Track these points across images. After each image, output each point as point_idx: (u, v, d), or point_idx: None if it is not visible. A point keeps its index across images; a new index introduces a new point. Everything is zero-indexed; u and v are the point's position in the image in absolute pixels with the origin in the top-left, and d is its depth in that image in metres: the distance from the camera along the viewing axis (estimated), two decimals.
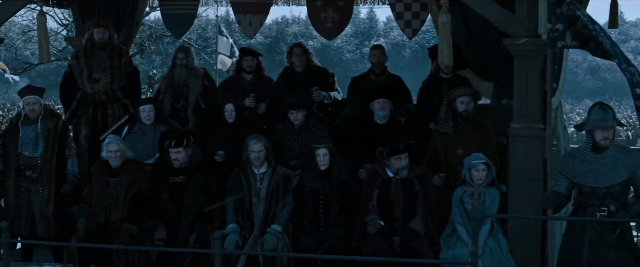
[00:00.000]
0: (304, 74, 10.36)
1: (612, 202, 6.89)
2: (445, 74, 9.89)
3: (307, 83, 10.24)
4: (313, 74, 10.40)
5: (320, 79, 10.43)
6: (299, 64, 10.34)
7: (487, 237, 8.09)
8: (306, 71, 10.38)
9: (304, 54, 10.42)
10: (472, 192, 6.42)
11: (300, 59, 10.37)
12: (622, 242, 6.93)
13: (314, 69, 10.52)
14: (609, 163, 6.91)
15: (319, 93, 10.13)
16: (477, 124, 8.99)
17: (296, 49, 10.46)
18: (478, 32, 10.23)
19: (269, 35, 70.16)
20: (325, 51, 65.87)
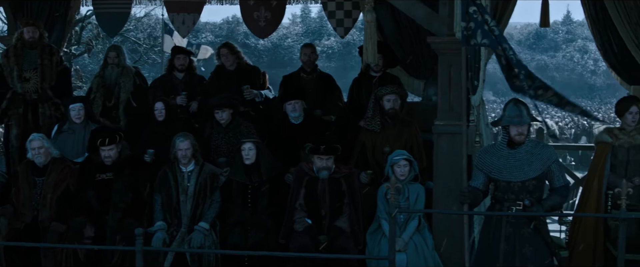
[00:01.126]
0: (235, 72, 10.41)
1: (527, 197, 7.04)
2: (374, 72, 9.99)
3: (238, 81, 10.29)
4: (244, 73, 10.45)
5: (252, 77, 10.48)
6: (228, 63, 10.38)
7: (414, 233, 8.20)
8: (237, 70, 10.42)
9: (232, 53, 10.46)
10: (388, 188, 6.50)
11: (228, 58, 10.42)
12: (536, 236, 7.09)
13: (245, 68, 10.57)
14: (525, 158, 7.07)
15: (250, 91, 10.19)
16: (403, 121, 9.14)
17: (223, 50, 10.51)
18: (408, 30, 10.35)
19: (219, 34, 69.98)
20: (275, 50, 65.95)
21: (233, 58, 10.44)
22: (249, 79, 10.38)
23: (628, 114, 8.68)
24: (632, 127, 8.73)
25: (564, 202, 7.46)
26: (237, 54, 10.53)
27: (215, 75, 10.49)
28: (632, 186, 8.52)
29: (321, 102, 10.16)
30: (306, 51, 10.45)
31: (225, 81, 10.29)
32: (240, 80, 10.27)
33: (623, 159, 8.71)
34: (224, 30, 71.64)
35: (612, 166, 8.74)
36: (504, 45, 7.07)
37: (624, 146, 8.69)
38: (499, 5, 10.00)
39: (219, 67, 10.51)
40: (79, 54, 29.52)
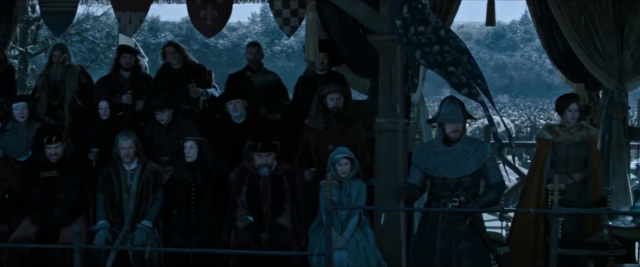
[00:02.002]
0: (181, 71, 10.41)
1: (463, 193, 7.12)
2: (320, 71, 10.04)
3: (184, 80, 10.30)
4: (190, 71, 10.45)
5: (198, 75, 10.49)
6: (174, 61, 10.38)
7: (355, 230, 8.27)
8: (183, 68, 10.42)
9: (178, 52, 10.46)
10: (324, 184, 6.55)
11: (174, 57, 10.41)
12: (472, 232, 7.16)
13: (191, 66, 10.58)
14: (460, 155, 7.14)
15: (195, 90, 10.20)
16: (347, 119, 9.21)
17: (168, 48, 10.52)
18: (353, 29, 10.41)
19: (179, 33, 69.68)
20: (235, 50, 65.77)
21: (179, 56, 10.44)
22: (194, 78, 10.38)
23: (568, 111, 8.82)
24: (572, 125, 8.86)
25: (499, 198, 7.54)
26: (182, 52, 10.55)
27: (161, 74, 10.48)
28: (571, 182, 8.73)
29: (266, 101, 10.18)
30: (251, 50, 10.49)
31: (171, 79, 10.29)
32: (186, 79, 10.27)
33: (563, 155, 8.84)
34: (183, 30, 71.26)
35: (553, 163, 8.87)
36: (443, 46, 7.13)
37: (563, 142, 8.82)
38: (444, 5, 10.09)
39: (165, 66, 10.50)
40: (35, 53, 29.29)
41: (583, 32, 10.13)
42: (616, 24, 10.13)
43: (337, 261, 8.10)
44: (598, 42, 10.10)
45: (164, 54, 10.49)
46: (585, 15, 10.10)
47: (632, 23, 10.02)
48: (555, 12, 10.20)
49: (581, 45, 10.18)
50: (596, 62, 10.15)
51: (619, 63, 10.14)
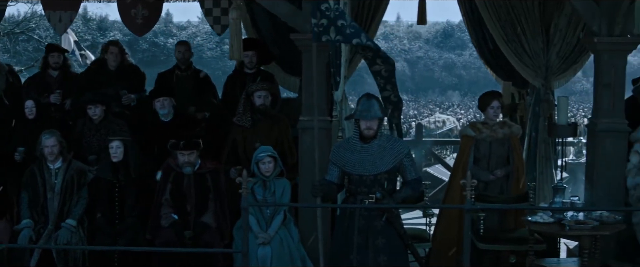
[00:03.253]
0: (116, 71, 10.36)
1: (379, 190, 7.20)
2: (249, 69, 10.09)
3: (117, 80, 10.26)
4: (124, 73, 10.40)
5: (131, 78, 10.45)
6: (112, 62, 10.31)
7: (279, 227, 8.33)
8: (118, 69, 10.38)
9: (120, 54, 10.41)
10: (240, 182, 6.59)
11: (116, 57, 10.35)
12: (389, 228, 7.25)
13: (127, 68, 10.53)
14: (377, 152, 7.22)
15: (128, 97, 10.15)
16: (274, 117, 9.26)
17: (113, 48, 10.42)
18: (283, 28, 10.45)
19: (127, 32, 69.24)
20: None
21: (119, 59, 10.39)
22: (128, 80, 10.34)
23: (490, 108, 8.94)
24: (495, 122, 8.99)
25: (416, 194, 7.65)
26: (124, 56, 10.50)
27: (95, 70, 10.42)
28: (493, 179, 8.87)
29: (195, 99, 10.20)
30: (180, 49, 10.50)
31: (105, 78, 10.23)
32: (120, 81, 10.22)
33: (485, 152, 8.97)
34: None
35: (476, 159, 8.99)
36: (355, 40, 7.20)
37: (486, 139, 8.94)
38: (372, 4, 10.17)
39: (101, 62, 10.43)
40: None
41: (510, 31, 10.27)
42: (542, 23, 10.29)
43: (261, 258, 8.18)
44: (524, 41, 10.25)
45: (105, 50, 10.40)
46: (512, 14, 10.24)
47: (558, 22, 10.17)
48: (483, 11, 10.34)
49: (508, 43, 10.31)
50: (523, 60, 10.30)
51: (545, 61, 10.30)
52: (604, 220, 7.97)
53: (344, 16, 7.25)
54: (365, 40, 7.26)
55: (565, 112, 9.47)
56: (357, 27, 7.31)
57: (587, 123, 9.02)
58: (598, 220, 7.95)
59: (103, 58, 10.47)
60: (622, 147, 8.66)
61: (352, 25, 7.26)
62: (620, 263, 8.59)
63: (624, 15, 8.35)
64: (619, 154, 8.64)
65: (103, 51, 10.55)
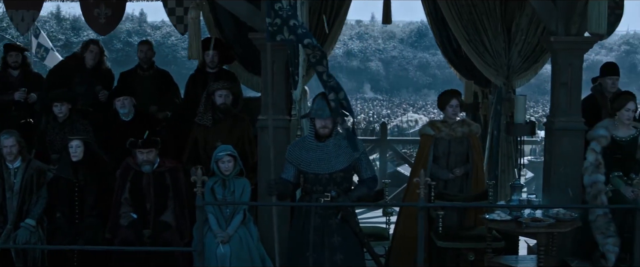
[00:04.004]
0: (92, 70, 10.33)
1: (334, 188, 7.25)
2: (211, 69, 10.10)
3: (91, 80, 10.24)
4: (99, 73, 10.39)
5: (104, 79, 10.44)
6: (90, 59, 10.29)
7: (239, 226, 8.36)
8: (94, 68, 10.35)
9: (100, 53, 10.40)
10: (195, 181, 6.61)
11: (95, 56, 10.32)
12: (344, 226, 7.30)
13: (102, 69, 10.51)
14: (332, 151, 7.27)
15: (104, 93, 10.13)
16: (235, 116, 9.29)
17: (93, 46, 10.38)
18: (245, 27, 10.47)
19: None
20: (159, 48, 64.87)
21: (98, 58, 10.38)
22: (102, 80, 10.34)
23: (449, 107, 9.01)
24: (454, 120, 9.05)
25: (371, 193, 7.66)
26: (102, 53, 10.50)
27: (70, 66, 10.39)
28: (452, 177, 8.93)
29: (157, 99, 10.21)
30: (142, 48, 10.50)
31: (79, 75, 10.20)
32: (94, 80, 10.20)
33: (445, 150, 9.04)
34: None
35: (435, 157, 9.05)
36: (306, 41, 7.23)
37: (445, 138, 9.01)
38: (335, 4, 10.20)
39: (78, 59, 10.39)
40: None
41: (472, 31, 10.33)
42: (503, 23, 10.37)
43: (220, 258, 8.19)
44: (486, 40, 10.31)
45: (85, 47, 10.36)
46: (474, 14, 10.30)
47: (519, 22, 10.25)
48: (445, 11, 10.39)
49: (470, 43, 10.37)
50: (485, 59, 10.36)
51: (507, 60, 10.37)
52: (560, 218, 8.06)
53: (296, 16, 7.29)
54: (315, 42, 7.30)
55: (523, 111, 9.53)
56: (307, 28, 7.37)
57: (545, 122, 9.09)
58: (554, 218, 8.03)
59: (81, 55, 10.42)
60: (579, 145, 8.75)
61: (303, 25, 7.31)
62: (577, 260, 8.67)
63: (580, 15, 8.43)
64: (576, 152, 8.73)
65: (83, 48, 10.49)
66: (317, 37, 9.93)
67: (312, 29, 9.97)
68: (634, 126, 8.72)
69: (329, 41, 10.22)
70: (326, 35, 10.12)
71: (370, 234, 9.08)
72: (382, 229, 9.25)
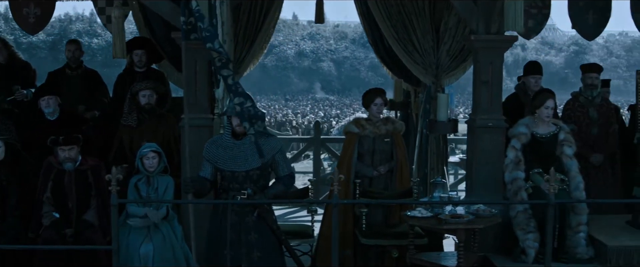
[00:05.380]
0: (6, 67, 10.29)
1: (251, 186, 7.30)
2: (139, 68, 10.10)
3: (8, 76, 10.18)
4: (15, 68, 10.34)
5: (23, 73, 10.39)
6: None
7: (162, 223, 8.36)
8: (8, 65, 10.31)
9: (5, 49, 10.35)
10: (109, 179, 6.63)
11: (1, 53, 10.29)
12: (261, 224, 7.35)
13: (18, 64, 10.47)
14: (249, 148, 7.32)
15: (20, 92, 10.09)
16: (160, 116, 9.30)
17: None
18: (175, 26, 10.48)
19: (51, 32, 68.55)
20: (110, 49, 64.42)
21: (6, 53, 10.33)
22: (19, 75, 10.28)
23: (373, 105, 9.09)
24: (378, 118, 9.13)
25: (288, 190, 7.74)
26: (10, 49, 10.45)
27: None
28: (376, 175, 9.02)
29: (85, 98, 10.19)
30: (70, 48, 10.48)
31: None
32: (10, 75, 10.16)
33: (369, 148, 9.10)
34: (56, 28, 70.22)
35: (360, 155, 9.11)
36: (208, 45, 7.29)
37: (369, 136, 9.08)
38: (265, 4, 10.25)
39: None
40: None
41: (401, 30, 10.44)
42: (432, 22, 10.49)
43: (143, 256, 8.19)
44: (415, 39, 10.43)
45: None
46: (403, 13, 10.41)
47: (447, 21, 10.38)
48: (374, 10, 10.49)
49: (399, 42, 10.49)
50: (414, 58, 10.48)
51: (436, 59, 10.50)
52: (480, 214, 8.16)
53: (202, 19, 7.36)
54: (218, 47, 7.34)
55: (446, 109, 9.66)
56: (213, 31, 7.41)
57: (467, 120, 9.21)
58: (475, 214, 8.13)
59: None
60: (500, 142, 8.89)
61: (208, 28, 7.35)
62: (498, 256, 8.80)
63: (500, 14, 8.56)
64: (497, 149, 8.87)
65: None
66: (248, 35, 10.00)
67: (242, 28, 10.04)
68: (554, 123, 8.87)
69: (259, 41, 10.26)
70: (256, 33, 10.17)
71: (295, 232, 9.19)
72: (307, 227, 9.31)
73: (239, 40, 10.06)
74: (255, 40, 10.25)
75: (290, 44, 77.04)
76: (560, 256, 8.60)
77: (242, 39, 10.18)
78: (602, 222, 9.23)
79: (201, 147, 7.91)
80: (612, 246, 8.59)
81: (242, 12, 10.12)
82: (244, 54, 10.23)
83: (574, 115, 9.97)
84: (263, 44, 10.51)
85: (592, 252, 8.66)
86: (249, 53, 10.27)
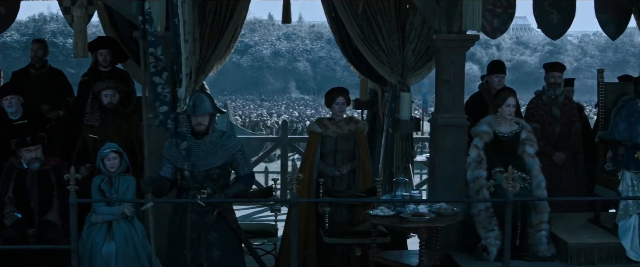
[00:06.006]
0: None
1: (210, 185, 7.31)
2: (103, 67, 10.08)
3: None
4: None
5: None
6: None
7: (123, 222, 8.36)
8: None
9: None
10: (68, 179, 6.63)
11: None
12: (221, 223, 7.37)
13: None
14: (209, 148, 7.34)
15: None
16: (123, 115, 9.29)
17: None
18: None
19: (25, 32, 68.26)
20: None
21: None
22: None
23: (335, 104, 9.11)
24: (340, 118, 9.16)
25: (248, 189, 7.75)
26: None
27: None
28: (339, 174, 9.04)
29: (50, 98, 10.16)
30: (33, 47, 10.46)
31: None
32: None
33: (331, 148, 9.12)
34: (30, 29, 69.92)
35: (322, 155, 9.14)
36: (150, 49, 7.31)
37: (332, 135, 9.10)
38: (230, 4, 10.24)
39: None
40: None
41: (366, 29, 10.45)
42: (398, 22, 10.49)
43: (106, 256, 8.18)
44: (381, 38, 10.43)
45: None
46: (369, 13, 10.42)
47: (413, 21, 10.38)
48: (340, 10, 10.48)
49: (365, 41, 10.48)
50: (379, 58, 10.48)
51: (401, 59, 10.50)
52: (442, 212, 8.19)
53: (151, 23, 7.37)
54: (159, 54, 7.34)
55: (408, 108, 9.70)
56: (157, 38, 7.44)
57: (429, 118, 9.26)
58: (436, 212, 8.17)
59: None
60: (462, 141, 8.94)
61: (154, 33, 7.37)
62: (461, 254, 8.85)
63: (461, 14, 8.59)
64: (459, 148, 8.92)
65: None
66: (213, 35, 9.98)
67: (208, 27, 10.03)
68: (516, 122, 8.93)
69: (225, 40, 10.24)
70: (222, 33, 10.15)
71: (259, 231, 9.20)
72: (271, 226, 9.32)
73: (204, 40, 10.03)
74: (221, 40, 10.22)
75: (266, 44, 77.04)
76: (523, 254, 8.68)
77: (208, 39, 10.15)
78: (564, 221, 9.32)
79: (162, 147, 7.90)
80: (573, 243, 8.68)
81: (208, 11, 10.08)
82: (210, 53, 10.19)
83: (537, 114, 10.07)
84: (230, 44, 10.48)
85: (554, 250, 8.75)
86: (214, 53, 10.22)
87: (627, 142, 8.82)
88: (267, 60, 74.13)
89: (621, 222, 8.73)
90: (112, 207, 8.38)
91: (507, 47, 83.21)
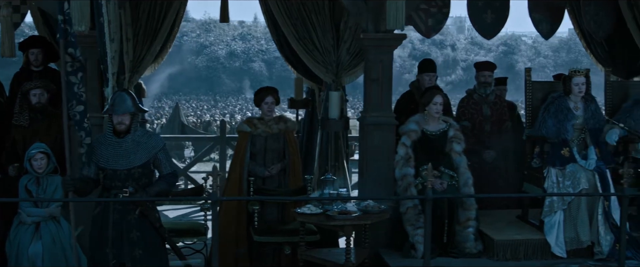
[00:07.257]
0: None
1: (133, 184, 7.32)
2: (35, 67, 10.02)
3: None
4: None
5: None
6: None
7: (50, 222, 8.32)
8: None
9: None
10: None
11: None
12: (143, 222, 7.38)
13: None
14: (131, 147, 7.35)
15: None
16: (53, 114, 9.23)
17: None
18: None
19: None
20: None
21: None
22: None
23: (264, 104, 9.20)
24: (270, 117, 9.21)
25: (171, 189, 7.77)
26: None
27: None
28: (268, 174, 9.09)
29: None
30: None
31: None
32: None
33: (261, 147, 9.19)
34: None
35: (252, 154, 9.18)
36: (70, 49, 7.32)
37: (261, 135, 9.16)
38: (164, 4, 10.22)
39: None
40: None
41: (301, 29, 10.49)
42: (332, 21, 10.56)
43: (32, 256, 8.14)
44: (315, 38, 10.49)
45: None
46: (303, 12, 10.47)
47: (347, 20, 10.45)
48: (275, 9, 10.54)
49: (299, 41, 10.54)
50: (314, 57, 10.54)
51: (336, 58, 10.57)
52: (369, 210, 8.25)
53: (70, 23, 7.37)
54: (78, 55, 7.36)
55: (337, 106, 9.78)
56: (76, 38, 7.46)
57: (358, 117, 9.32)
58: (364, 210, 8.23)
59: None
60: (390, 139, 9.02)
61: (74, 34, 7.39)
62: (390, 252, 8.92)
63: None
64: (387, 146, 9.00)
65: None
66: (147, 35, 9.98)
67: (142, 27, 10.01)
68: (444, 121, 9.03)
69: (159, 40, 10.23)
70: (156, 33, 10.14)
71: (188, 230, 9.20)
72: (200, 225, 9.34)
73: (138, 40, 10.02)
74: (155, 40, 10.20)
75: (221, 44, 76.80)
76: (450, 251, 8.78)
77: (142, 38, 10.14)
78: (493, 218, 9.45)
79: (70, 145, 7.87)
80: (499, 239, 8.79)
81: (142, 11, 10.07)
82: (144, 53, 10.17)
83: (467, 112, 10.19)
84: (167, 44, 10.48)
85: (481, 247, 8.85)
86: (149, 52, 10.21)
87: (554, 138, 8.93)
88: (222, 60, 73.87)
89: (547, 218, 8.85)
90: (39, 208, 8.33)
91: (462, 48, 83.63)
